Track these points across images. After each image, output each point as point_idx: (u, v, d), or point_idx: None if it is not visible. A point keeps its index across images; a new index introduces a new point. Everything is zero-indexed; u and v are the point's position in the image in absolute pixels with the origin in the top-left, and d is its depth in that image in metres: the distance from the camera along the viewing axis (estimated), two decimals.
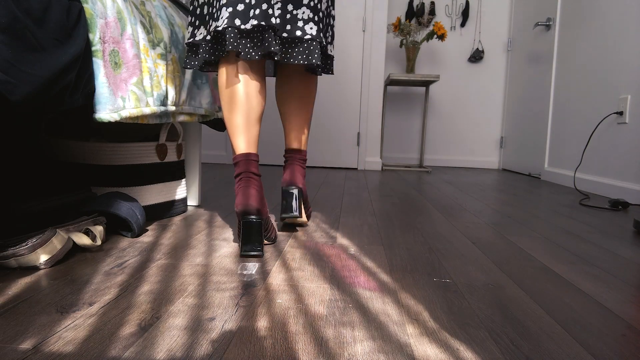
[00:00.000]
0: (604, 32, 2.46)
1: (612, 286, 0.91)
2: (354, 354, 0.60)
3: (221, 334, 0.64)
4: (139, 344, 0.60)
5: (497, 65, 3.94)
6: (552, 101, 3.04)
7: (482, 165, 4.05)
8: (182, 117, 1.30)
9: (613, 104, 2.35)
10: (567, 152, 2.80)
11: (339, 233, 1.29)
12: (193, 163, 1.63)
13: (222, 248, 1.09)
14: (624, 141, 2.24)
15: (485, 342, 0.64)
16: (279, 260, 1.00)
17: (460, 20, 3.92)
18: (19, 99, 0.75)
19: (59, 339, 0.60)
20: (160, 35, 1.17)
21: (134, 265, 0.93)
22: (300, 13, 1.14)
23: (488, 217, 1.60)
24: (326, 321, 0.69)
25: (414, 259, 1.05)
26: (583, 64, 2.66)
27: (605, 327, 0.71)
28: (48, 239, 0.89)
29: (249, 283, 0.85)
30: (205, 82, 1.41)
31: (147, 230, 1.24)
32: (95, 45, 0.94)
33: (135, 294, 0.77)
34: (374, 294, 0.82)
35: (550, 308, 0.78)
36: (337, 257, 1.05)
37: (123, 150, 1.27)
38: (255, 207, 1.05)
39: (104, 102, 0.96)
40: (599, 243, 1.28)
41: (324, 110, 3.43)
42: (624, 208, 1.90)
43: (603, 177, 2.40)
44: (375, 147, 3.43)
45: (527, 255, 1.12)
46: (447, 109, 4.03)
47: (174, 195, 1.44)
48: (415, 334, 0.66)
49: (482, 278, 0.92)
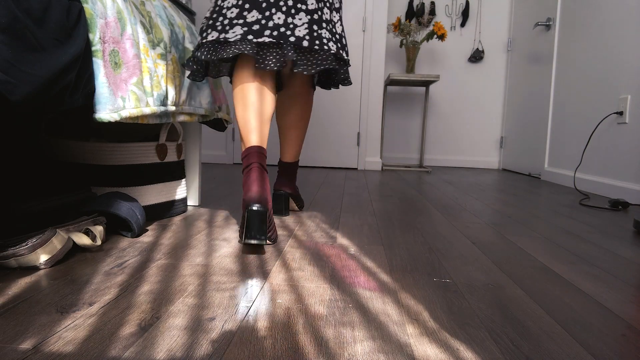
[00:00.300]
0: (604, 32, 2.46)
1: (612, 286, 0.91)
2: (354, 354, 0.60)
3: (221, 334, 0.64)
4: (139, 344, 0.60)
5: (497, 65, 3.94)
6: (552, 101, 3.04)
7: (482, 165, 4.05)
8: (182, 117, 1.30)
9: (613, 104, 2.35)
10: (567, 152, 2.80)
11: (339, 233, 1.29)
12: (193, 163, 1.63)
13: (222, 248, 1.09)
14: (624, 141, 2.24)
15: (485, 342, 0.64)
16: (279, 260, 1.00)
17: (460, 20, 3.92)
18: (19, 99, 0.75)
19: (59, 339, 0.60)
20: (160, 35, 1.17)
21: (134, 265, 0.93)
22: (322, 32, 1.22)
23: (488, 217, 1.60)
24: (326, 321, 0.69)
25: (414, 259, 1.05)
26: (583, 64, 2.66)
27: (605, 327, 0.71)
28: (48, 239, 0.89)
29: (249, 283, 0.85)
30: (205, 82, 1.41)
31: (147, 230, 1.24)
32: (95, 45, 0.94)
33: (135, 294, 0.77)
34: (374, 294, 0.82)
35: (550, 308, 0.78)
36: (337, 257, 1.05)
37: (123, 150, 1.27)
38: (267, 198, 1.07)
39: (104, 102, 0.96)
40: (599, 243, 1.28)
41: (324, 110, 3.43)
42: (624, 208, 1.90)
43: (603, 177, 2.40)
44: (375, 147, 3.43)
45: (527, 255, 1.12)
46: (447, 109, 4.03)
47: (174, 195, 1.44)
48: (415, 334, 0.66)
49: (482, 278, 0.92)
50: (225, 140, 3.53)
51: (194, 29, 1.42)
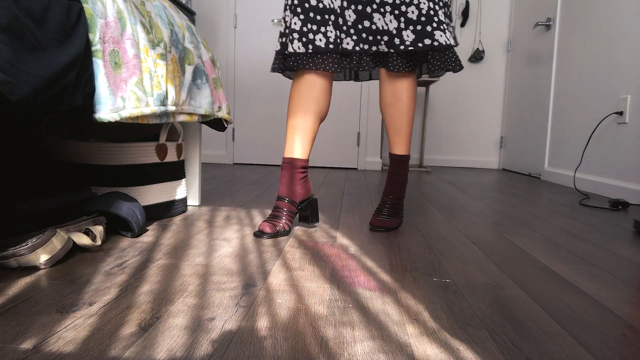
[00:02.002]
0: (604, 32, 2.46)
1: (612, 286, 0.91)
2: (354, 353, 0.60)
3: (221, 334, 0.64)
4: (139, 344, 0.60)
5: (497, 65, 3.94)
6: (552, 101, 3.04)
7: (482, 165, 4.05)
8: (182, 117, 1.30)
9: (613, 104, 2.35)
10: (567, 152, 2.80)
11: (339, 233, 1.29)
12: (193, 163, 1.63)
13: (222, 248, 1.09)
14: (624, 141, 2.24)
15: (485, 342, 0.64)
16: (279, 260, 1.00)
17: (460, 20, 3.92)
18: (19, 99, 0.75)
19: (59, 338, 0.60)
20: (160, 35, 1.17)
21: (134, 265, 0.93)
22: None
23: (488, 217, 1.60)
24: (326, 321, 0.69)
25: (414, 258, 1.05)
26: (583, 64, 2.66)
27: (605, 327, 0.71)
28: (48, 239, 0.89)
29: (249, 283, 0.85)
30: (205, 82, 1.41)
31: (147, 230, 1.24)
32: (95, 45, 0.94)
33: (136, 294, 0.77)
34: (374, 293, 0.82)
35: (550, 308, 0.78)
36: (337, 256, 1.05)
37: (123, 150, 1.27)
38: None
39: (104, 102, 0.96)
40: (599, 243, 1.28)
41: None
42: (624, 208, 1.90)
43: (603, 177, 2.40)
44: (375, 147, 3.43)
45: (527, 255, 1.12)
46: (447, 109, 4.03)
47: (174, 195, 1.44)
48: (415, 334, 0.66)
49: (482, 278, 0.92)
50: (225, 140, 3.53)
51: (194, 29, 1.42)
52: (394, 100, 1.35)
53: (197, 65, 1.34)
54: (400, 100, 1.34)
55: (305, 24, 1.22)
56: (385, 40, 1.24)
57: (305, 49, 1.22)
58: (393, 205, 1.38)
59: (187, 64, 1.30)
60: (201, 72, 1.38)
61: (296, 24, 1.23)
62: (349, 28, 1.26)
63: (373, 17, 1.24)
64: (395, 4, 1.22)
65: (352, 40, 1.26)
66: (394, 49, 1.23)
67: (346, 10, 1.25)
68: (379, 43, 1.25)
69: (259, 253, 1.05)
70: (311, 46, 1.21)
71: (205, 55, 1.42)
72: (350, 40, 1.26)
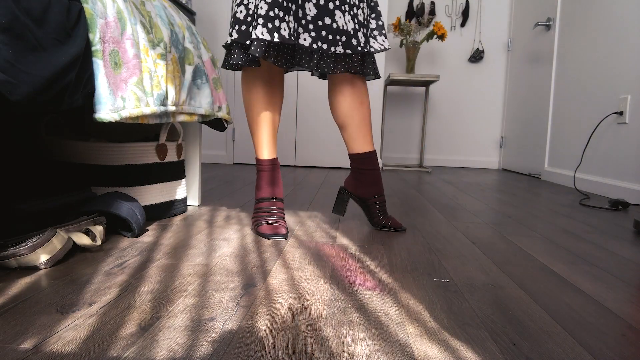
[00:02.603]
0: (604, 32, 2.46)
1: (612, 286, 0.91)
2: (354, 353, 0.60)
3: (221, 334, 0.64)
4: (139, 344, 0.60)
5: (497, 65, 3.94)
6: (552, 101, 3.04)
7: (482, 165, 4.05)
8: (182, 117, 1.30)
9: (613, 104, 2.35)
10: (567, 152, 2.80)
11: (339, 233, 1.29)
12: (193, 163, 1.63)
13: (222, 248, 1.09)
14: (624, 141, 2.24)
15: (485, 342, 0.64)
16: (279, 260, 1.00)
17: (460, 20, 3.92)
18: (19, 99, 0.75)
19: (59, 338, 0.60)
20: (160, 35, 1.17)
21: (134, 265, 0.93)
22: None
23: (488, 217, 1.60)
24: (326, 321, 0.69)
25: (414, 259, 1.05)
26: (583, 64, 2.66)
27: (605, 327, 0.71)
28: (48, 239, 0.89)
29: (249, 283, 0.85)
30: (205, 82, 1.41)
31: (147, 230, 1.24)
32: (95, 45, 0.94)
33: (136, 294, 0.77)
34: (374, 293, 0.82)
35: (550, 308, 0.78)
36: (337, 257, 1.05)
37: (123, 150, 1.27)
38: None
39: (104, 102, 0.96)
40: (599, 243, 1.28)
41: (324, 110, 3.43)
42: (624, 208, 1.90)
43: (603, 177, 2.40)
44: (375, 147, 3.43)
45: (527, 255, 1.12)
46: (447, 109, 4.03)
47: (174, 195, 1.44)
48: (415, 334, 0.66)
49: (482, 278, 0.92)
50: (225, 140, 3.53)
51: (194, 29, 1.42)
52: (357, 104, 1.30)
53: (197, 65, 1.34)
54: (363, 104, 1.31)
55: (272, 8, 1.11)
56: (343, 41, 1.17)
57: (270, 36, 1.10)
58: (382, 204, 1.35)
59: (187, 64, 1.30)
60: (201, 72, 1.38)
61: (262, 8, 1.11)
62: (308, 23, 1.16)
63: (335, 15, 1.16)
64: (353, 3, 1.19)
65: (309, 36, 1.15)
66: (351, 50, 1.17)
67: (307, 3, 1.16)
68: (337, 44, 1.16)
69: (259, 253, 1.06)
70: (277, 34, 1.10)
71: (206, 55, 1.42)
72: (307, 36, 1.15)
